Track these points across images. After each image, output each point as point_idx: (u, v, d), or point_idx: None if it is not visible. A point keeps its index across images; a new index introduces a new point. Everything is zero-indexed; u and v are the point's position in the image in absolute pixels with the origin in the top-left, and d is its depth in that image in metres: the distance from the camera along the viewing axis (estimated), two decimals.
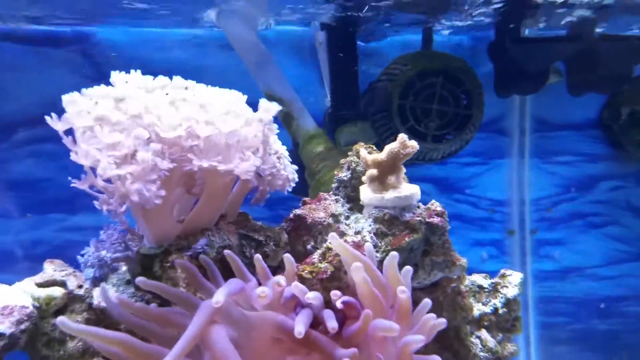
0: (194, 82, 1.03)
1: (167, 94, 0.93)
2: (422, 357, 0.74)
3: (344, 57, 1.70)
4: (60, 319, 0.82)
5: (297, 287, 0.81)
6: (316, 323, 0.84)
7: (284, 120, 1.60)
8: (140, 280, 0.87)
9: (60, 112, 1.80)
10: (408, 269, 0.81)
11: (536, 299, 2.03)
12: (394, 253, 0.83)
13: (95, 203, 0.94)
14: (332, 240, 0.85)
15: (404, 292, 0.75)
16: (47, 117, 0.87)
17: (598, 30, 1.68)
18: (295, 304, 0.84)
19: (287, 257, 0.89)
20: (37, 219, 1.80)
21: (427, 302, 0.82)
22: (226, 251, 0.93)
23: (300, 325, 0.73)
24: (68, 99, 0.88)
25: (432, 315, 0.76)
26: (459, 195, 2.01)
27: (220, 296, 0.74)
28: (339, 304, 0.81)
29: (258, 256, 0.90)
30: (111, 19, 1.78)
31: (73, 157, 0.86)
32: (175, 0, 1.55)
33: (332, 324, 0.73)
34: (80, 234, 1.82)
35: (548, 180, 2.03)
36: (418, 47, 1.77)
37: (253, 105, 1.01)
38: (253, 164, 0.89)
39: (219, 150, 0.88)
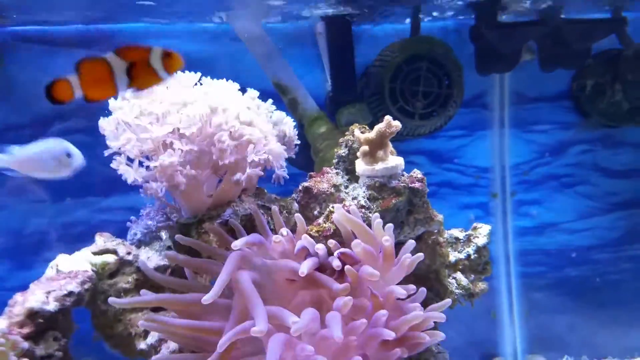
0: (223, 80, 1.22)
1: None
2: (403, 286, 0.97)
3: (342, 45, 1.83)
4: (111, 299, 1.02)
5: (306, 238, 1.03)
6: (323, 268, 1.05)
7: (290, 105, 1.77)
8: (178, 237, 1.09)
9: (89, 106, 2.01)
10: (390, 225, 1.03)
11: (517, 253, 2.16)
12: (377, 214, 1.04)
13: (141, 191, 1.15)
14: (337, 210, 1.05)
15: (387, 241, 0.98)
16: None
17: (563, 15, 1.81)
18: (306, 254, 1.05)
19: (298, 217, 1.11)
20: (75, 202, 1.89)
21: (410, 242, 1.03)
22: (251, 206, 1.14)
23: (304, 267, 0.95)
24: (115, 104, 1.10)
25: (408, 254, 0.98)
26: (448, 165, 2.11)
27: (239, 242, 0.96)
28: (336, 255, 1.00)
29: (275, 208, 1.12)
30: (131, 17, 1.87)
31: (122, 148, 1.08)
32: (192, 3, 1.71)
33: (336, 262, 0.96)
34: (112, 214, 1.91)
35: (526, 148, 2.14)
36: (407, 33, 1.88)
37: (263, 92, 1.19)
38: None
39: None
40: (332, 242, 1.02)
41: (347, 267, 0.97)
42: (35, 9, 1.75)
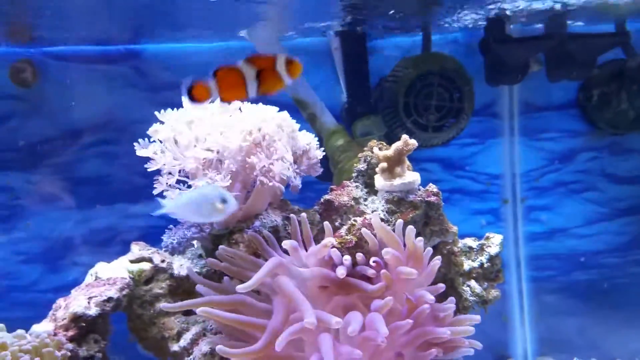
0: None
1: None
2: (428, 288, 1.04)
3: (356, 60, 1.92)
4: (163, 305, 1.11)
5: (334, 252, 1.11)
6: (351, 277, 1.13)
7: (309, 119, 1.85)
8: (222, 248, 1.17)
9: (116, 119, 2.11)
10: (411, 227, 1.10)
11: (527, 257, 2.21)
12: (400, 221, 1.12)
13: None
14: (374, 218, 1.12)
15: (420, 241, 1.06)
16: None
17: (569, 27, 1.88)
18: (332, 264, 1.13)
19: (327, 225, 1.17)
20: (105, 209, 2.00)
21: (428, 250, 1.11)
22: (290, 216, 1.20)
23: (341, 270, 1.03)
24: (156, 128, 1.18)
25: (437, 260, 1.08)
26: (460, 172, 2.17)
27: (288, 243, 1.07)
28: (371, 262, 1.08)
29: (304, 216, 1.19)
30: (157, 37, 1.98)
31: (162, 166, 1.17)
32: (216, 23, 1.79)
33: (371, 271, 1.04)
34: (139, 221, 2.00)
35: (535, 155, 2.19)
36: (419, 45, 1.97)
37: (282, 105, 1.25)
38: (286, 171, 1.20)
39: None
40: (359, 256, 1.10)
41: (383, 271, 1.04)
42: (67, 30, 1.86)
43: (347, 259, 1.09)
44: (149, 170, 1.21)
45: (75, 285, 1.25)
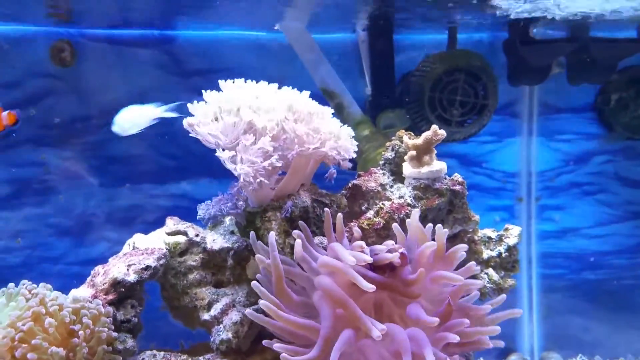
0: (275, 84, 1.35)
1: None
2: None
3: (382, 54, 1.97)
4: (254, 284, 1.11)
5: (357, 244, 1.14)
6: (377, 265, 1.11)
7: (336, 109, 1.89)
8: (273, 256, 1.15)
9: (148, 101, 2.18)
10: (444, 231, 1.12)
11: (539, 255, 2.27)
12: (439, 226, 1.12)
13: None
14: (413, 216, 1.14)
15: (442, 235, 1.10)
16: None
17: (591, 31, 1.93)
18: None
19: (339, 218, 1.18)
20: (132, 188, 2.07)
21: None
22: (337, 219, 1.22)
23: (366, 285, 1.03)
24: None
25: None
26: (477, 169, 2.23)
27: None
28: (399, 252, 1.07)
29: (340, 215, 1.18)
30: (191, 24, 2.04)
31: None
32: (249, 12, 1.85)
33: (396, 260, 1.06)
34: (164, 200, 2.08)
35: (551, 156, 2.24)
36: (444, 45, 2.01)
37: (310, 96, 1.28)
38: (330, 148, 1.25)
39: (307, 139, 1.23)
40: (390, 242, 1.13)
41: (420, 270, 1.07)
42: (104, 13, 1.92)
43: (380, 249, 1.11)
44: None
45: (102, 259, 1.30)
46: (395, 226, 1.16)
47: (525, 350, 2.29)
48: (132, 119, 1.48)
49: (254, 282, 1.14)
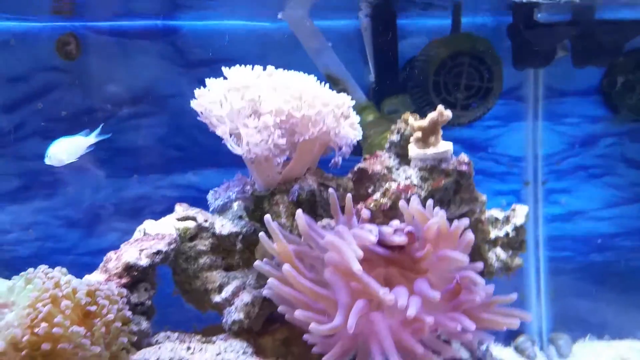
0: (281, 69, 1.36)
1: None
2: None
3: (385, 40, 1.97)
4: (257, 263, 1.14)
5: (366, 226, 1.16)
6: (383, 244, 1.15)
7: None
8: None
9: (153, 93, 2.19)
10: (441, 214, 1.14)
11: (546, 238, 2.28)
12: (438, 209, 1.15)
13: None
14: (412, 201, 1.16)
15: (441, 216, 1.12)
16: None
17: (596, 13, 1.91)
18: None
19: (348, 197, 1.21)
20: (140, 179, 2.08)
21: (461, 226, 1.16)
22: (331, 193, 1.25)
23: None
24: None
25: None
26: (483, 153, 2.23)
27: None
28: (405, 231, 1.10)
29: (349, 196, 1.21)
30: (193, 15, 2.05)
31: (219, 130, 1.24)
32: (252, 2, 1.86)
33: (402, 238, 1.10)
34: (174, 190, 2.10)
35: (557, 139, 2.24)
36: (447, 30, 1.99)
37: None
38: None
39: (313, 122, 1.24)
40: (396, 221, 1.15)
41: (428, 247, 1.10)
42: (107, 5, 1.95)
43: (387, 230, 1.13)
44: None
45: (111, 249, 1.32)
46: (402, 204, 1.17)
47: (533, 331, 2.30)
48: (67, 150, 1.57)
49: (257, 262, 1.15)
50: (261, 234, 1.17)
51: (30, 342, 1.00)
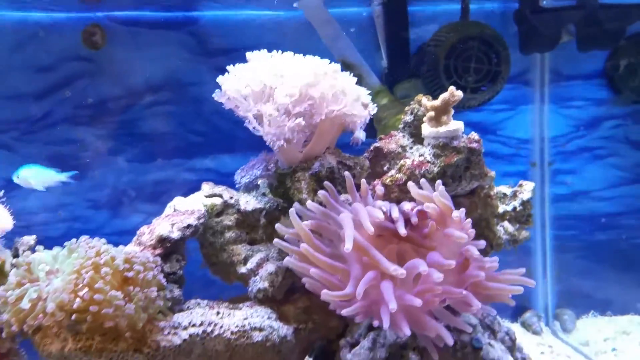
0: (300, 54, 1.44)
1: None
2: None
3: (397, 27, 2.04)
4: (277, 241, 1.21)
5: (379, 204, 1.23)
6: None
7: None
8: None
9: (173, 82, 2.26)
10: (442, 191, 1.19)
11: (552, 217, 2.35)
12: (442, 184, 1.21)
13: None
14: (412, 188, 1.20)
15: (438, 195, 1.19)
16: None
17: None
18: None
19: (363, 182, 1.27)
20: (164, 163, 2.17)
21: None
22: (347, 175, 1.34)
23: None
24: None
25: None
26: (491, 136, 2.30)
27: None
28: (415, 211, 1.17)
29: (364, 181, 1.28)
30: (212, 5, 2.12)
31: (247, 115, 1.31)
32: None
33: (414, 219, 1.17)
34: (194, 174, 2.19)
35: (563, 122, 2.30)
36: (458, 16, 2.05)
37: None
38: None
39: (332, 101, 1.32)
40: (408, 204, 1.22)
41: (431, 223, 1.16)
42: None
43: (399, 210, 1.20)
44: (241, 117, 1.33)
45: (136, 230, 1.40)
46: (410, 184, 1.22)
47: (540, 307, 2.38)
48: (36, 177, 1.77)
49: (276, 239, 1.23)
50: (291, 211, 1.23)
51: (79, 307, 1.10)
